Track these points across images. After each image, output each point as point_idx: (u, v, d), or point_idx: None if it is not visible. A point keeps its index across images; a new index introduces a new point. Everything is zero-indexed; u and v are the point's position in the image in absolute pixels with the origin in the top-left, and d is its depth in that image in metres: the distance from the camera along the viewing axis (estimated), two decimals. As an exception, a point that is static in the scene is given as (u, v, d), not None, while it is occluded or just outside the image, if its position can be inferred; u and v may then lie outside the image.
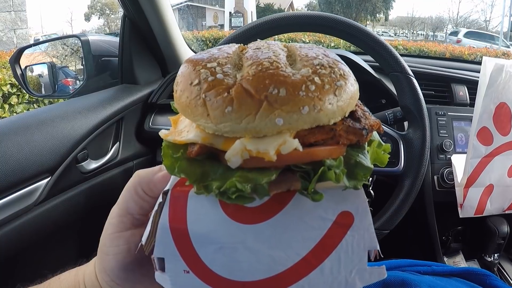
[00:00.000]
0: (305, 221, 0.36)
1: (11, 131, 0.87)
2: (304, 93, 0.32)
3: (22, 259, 0.90)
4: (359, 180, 0.36)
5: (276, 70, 0.33)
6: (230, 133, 0.33)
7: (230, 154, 0.32)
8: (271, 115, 0.31)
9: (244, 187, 0.32)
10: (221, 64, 0.35)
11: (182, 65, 0.38)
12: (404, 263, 0.75)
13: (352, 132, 0.35)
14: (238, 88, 0.32)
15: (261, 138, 0.33)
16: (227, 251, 0.36)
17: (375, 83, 1.26)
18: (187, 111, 0.35)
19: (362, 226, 0.37)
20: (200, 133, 0.35)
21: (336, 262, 0.36)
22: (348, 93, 0.35)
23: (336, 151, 0.35)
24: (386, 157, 0.41)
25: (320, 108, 0.32)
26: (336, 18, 0.98)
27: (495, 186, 1.12)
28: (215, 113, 0.32)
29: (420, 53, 8.00)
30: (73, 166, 0.99)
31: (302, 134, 0.33)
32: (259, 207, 0.36)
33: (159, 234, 0.37)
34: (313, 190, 0.34)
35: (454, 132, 1.26)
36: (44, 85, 1.46)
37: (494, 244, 1.26)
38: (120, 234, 0.43)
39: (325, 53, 0.37)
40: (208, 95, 0.33)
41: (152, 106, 1.29)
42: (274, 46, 0.38)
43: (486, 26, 31.11)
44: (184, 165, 0.35)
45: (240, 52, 0.39)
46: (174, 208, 0.37)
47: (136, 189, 0.43)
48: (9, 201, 0.83)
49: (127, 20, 1.33)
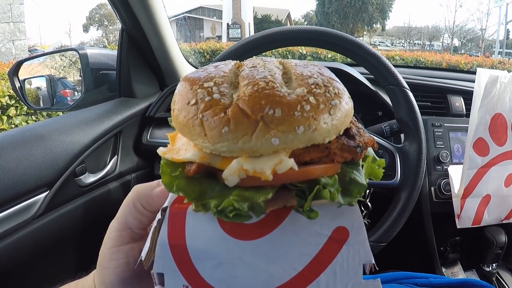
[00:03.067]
0: (301, 237, 0.37)
1: (10, 146, 0.87)
2: (299, 113, 0.33)
3: (20, 273, 0.90)
4: (353, 197, 0.36)
5: (271, 90, 0.34)
6: (227, 153, 0.33)
7: (227, 173, 0.33)
8: (267, 135, 0.32)
9: (241, 206, 0.33)
10: (217, 83, 0.36)
11: (179, 84, 0.39)
12: (402, 275, 0.75)
13: (346, 150, 0.36)
14: (235, 108, 0.33)
15: (257, 158, 0.33)
16: (226, 266, 0.37)
17: (372, 95, 1.27)
18: (184, 130, 0.35)
19: (357, 241, 0.37)
20: (197, 152, 0.35)
21: (332, 276, 0.37)
22: (343, 112, 0.35)
23: (331, 169, 0.36)
24: (381, 172, 0.41)
25: (315, 127, 0.33)
26: (331, 32, 0.99)
27: (492, 196, 1.12)
28: (212, 133, 0.33)
29: (417, 63, 8.05)
30: (71, 180, 1.00)
31: (298, 153, 0.34)
32: (256, 223, 0.36)
33: (158, 250, 0.37)
34: (309, 208, 0.34)
35: (451, 143, 1.27)
36: (43, 98, 1.46)
37: (492, 254, 1.26)
38: (119, 248, 0.43)
39: (320, 71, 0.38)
40: (205, 115, 0.33)
41: (150, 119, 1.30)
42: (270, 64, 0.39)
43: (482, 35, 31.29)
44: (182, 184, 0.35)
45: (236, 69, 0.40)
46: (172, 224, 0.37)
47: (135, 204, 0.43)
48: (7, 215, 0.83)
49: (125, 33, 1.34)
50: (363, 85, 1.26)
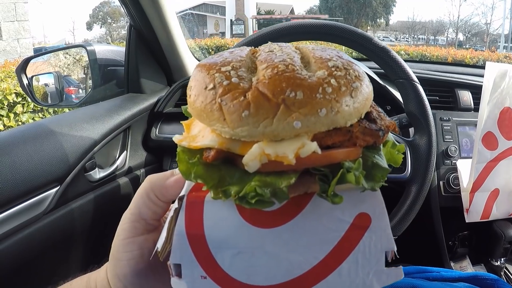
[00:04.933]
0: (323, 224, 0.36)
1: (21, 141, 0.88)
2: (321, 95, 0.32)
3: (32, 267, 0.90)
4: (376, 182, 0.35)
5: (292, 73, 0.33)
6: (247, 138, 0.33)
7: (248, 158, 0.32)
8: (289, 118, 0.31)
9: (264, 191, 0.32)
10: (235, 67, 0.35)
11: (194, 70, 0.38)
12: (413, 269, 0.75)
13: (368, 134, 0.35)
14: (255, 91, 0.32)
15: (279, 142, 0.32)
16: (245, 256, 0.36)
17: (380, 90, 1.26)
18: (202, 115, 0.34)
19: (379, 228, 0.37)
20: (216, 137, 0.35)
21: (354, 264, 0.36)
22: (364, 95, 0.35)
23: (353, 153, 0.35)
24: (400, 157, 0.41)
25: (338, 110, 0.32)
26: (341, 26, 0.99)
27: (501, 190, 1.12)
28: (232, 118, 0.32)
29: (422, 58, 8.00)
30: (81, 175, 1.00)
31: (320, 136, 0.33)
32: (277, 210, 0.36)
33: (175, 240, 0.37)
34: (333, 193, 0.33)
35: (459, 137, 1.26)
36: (50, 95, 1.47)
37: (500, 248, 1.26)
38: (133, 239, 0.43)
39: (338, 54, 0.37)
40: (224, 99, 0.33)
41: (159, 115, 1.30)
42: (287, 49, 0.38)
43: (487, 29, 31.09)
44: (200, 171, 0.34)
45: (252, 55, 0.39)
46: (190, 213, 0.37)
47: (149, 194, 0.43)
48: (19, 210, 0.83)
49: (133, 29, 1.34)
50: (372, 79, 1.26)
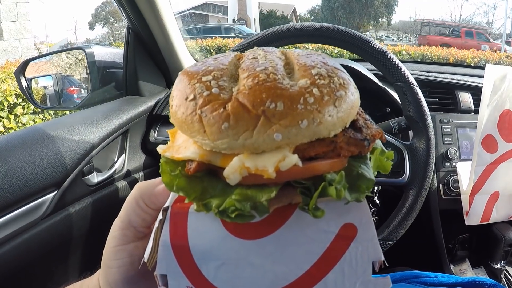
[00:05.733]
0: (307, 235, 0.36)
1: (17, 146, 0.88)
2: (303, 106, 0.31)
3: (30, 273, 0.90)
4: (361, 193, 0.35)
5: (273, 83, 0.32)
6: (227, 150, 0.32)
7: (228, 171, 0.32)
8: (269, 131, 0.31)
9: (244, 206, 0.32)
10: (216, 77, 0.34)
11: (177, 78, 0.37)
12: (410, 275, 0.75)
13: (353, 144, 0.34)
14: (234, 103, 0.32)
15: (259, 154, 0.32)
16: (230, 267, 0.36)
17: (379, 91, 1.26)
18: (183, 127, 0.34)
19: (366, 238, 0.36)
20: (197, 149, 0.34)
21: (340, 274, 0.36)
22: (349, 103, 0.34)
23: (337, 164, 0.34)
24: (389, 164, 0.40)
25: (320, 121, 0.32)
26: (338, 29, 0.98)
27: (501, 193, 1.12)
28: (211, 130, 0.32)
29: (424, 58, 7.98)
30: (79, 179, 1.00)
31: (302, 147, 0.33)
32: (260, 222, 0.35)
33: (160, 251, 0.37)
34: (314, 207, 0.33)
35: (459, 140, 1.25)
36: (49, 97, 1.47)
37: (500, 251, 1.25)
38: (123, 247, 0.43)
39: (324, 60, 0.36)
40: (204, 111, 0.32)
41: (157, 117, 1.30)
42: (271, 55, 0.37)
43: (488, 29, 31.00)
44: (182, 183, 0.34)
45: (237, 61, 0.38)
46: (174, 224, 0.37)
47: (138, 202, 0.43)
48: (16, 215, 0.83)
49: (131, 32, 1.34)
50: (371, 81, 1.25)
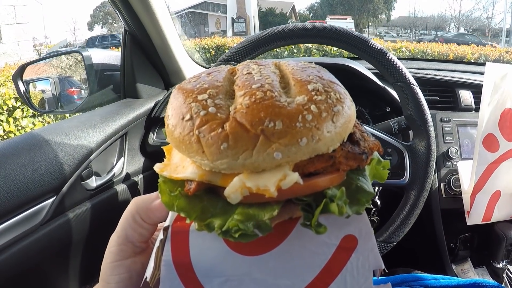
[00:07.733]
0: (309, 248, 0.36)
1: (14, 153, 0.87)
2: (301, 124, 0.31)
3: (30, 279, 0.90)
4: (361, 205, 0.35)
5: (270, 101, 0.32)
6: (227, 170, 0.32)
7: (229, 191, 0.32)
8: (269, 150, 0.31)
9: (247, 226, 0.32)
10: (212, 95, 0.34)
11: (172, 95, 0.37)
12: (411, 277, 0.74)
13: (352, 158, 0.35)
14: (233, 122, 0.31)
15: (260, 173, 0.32)
16: (233, 283, 0.36)
17: (380, 91, 1.25)
18: (181, 147, 0.34)
19: (366, 248, 0.37)
20: (196, 169, 0.34)
21: (342, 284, 0.36)
22: (346, 117, 0.34)
23: (337, 178, 0.35)
24: (386, 173, 0.40)
25: (319, 138, 0.32)
26: (336, 29, 0.97)
27: (502, 192, 1.11)
28: (210, 150, 0.31)
29: (424, 54, 7.95)
30: (78, 184, 0.99)
31: (301, 164, 0.33)
32: (262, 238, 0.35)
33: (163, 270, 0.36)
34: (317, 223, 0.33)
35: (460, 138, 1.25)
36: (48, 101, 1.47)
37: (502, 250, 1.25)
38: (120, 262, 0.42)
39: (319, 74, 0.36)
40: (201, 131, 0.32)
41: (156, 120, 1.29)
42: (266, 70, 0.37)
43: (488, 23, 30.97)
44: (182, 203, 0.34)
45: (230, 75, 0.38)
46: (176, 243, 0.37)
47: (134, 217, 0.42)
48: (15, 222, 0.83)
49: (127, 34, 1.33)
50: (371, 81, 1.24)
